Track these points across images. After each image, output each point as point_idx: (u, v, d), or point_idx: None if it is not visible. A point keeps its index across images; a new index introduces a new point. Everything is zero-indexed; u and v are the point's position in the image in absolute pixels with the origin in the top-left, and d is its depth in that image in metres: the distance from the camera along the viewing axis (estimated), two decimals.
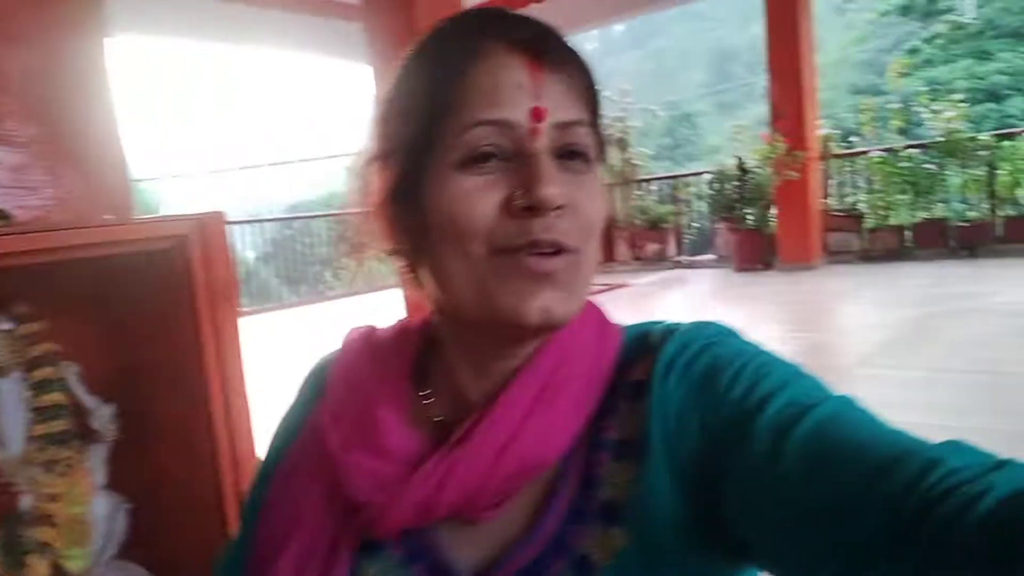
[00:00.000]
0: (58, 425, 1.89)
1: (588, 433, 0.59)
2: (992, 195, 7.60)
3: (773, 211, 8.31)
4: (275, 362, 4.12)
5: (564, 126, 0.56)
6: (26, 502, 1.78)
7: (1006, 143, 7.62)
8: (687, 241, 10.05)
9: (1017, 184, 7.43)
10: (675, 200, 10.08)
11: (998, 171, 7.55)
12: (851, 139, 8.92)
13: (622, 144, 9.94)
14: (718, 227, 9.10)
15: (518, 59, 0.55)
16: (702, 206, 9.89)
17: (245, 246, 11.79)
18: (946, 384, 3.69)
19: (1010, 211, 7.53)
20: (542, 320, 0.55)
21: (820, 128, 8.30)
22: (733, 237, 8.58)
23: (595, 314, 0.65)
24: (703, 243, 10.05)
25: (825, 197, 8.38)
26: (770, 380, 0.54)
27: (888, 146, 8.20)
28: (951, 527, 0.39)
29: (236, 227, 11.49)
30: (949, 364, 4.01)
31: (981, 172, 7.63)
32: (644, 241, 9.84)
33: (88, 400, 2.04)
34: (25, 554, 1.77)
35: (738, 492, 0.52)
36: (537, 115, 0.55)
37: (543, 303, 0.54)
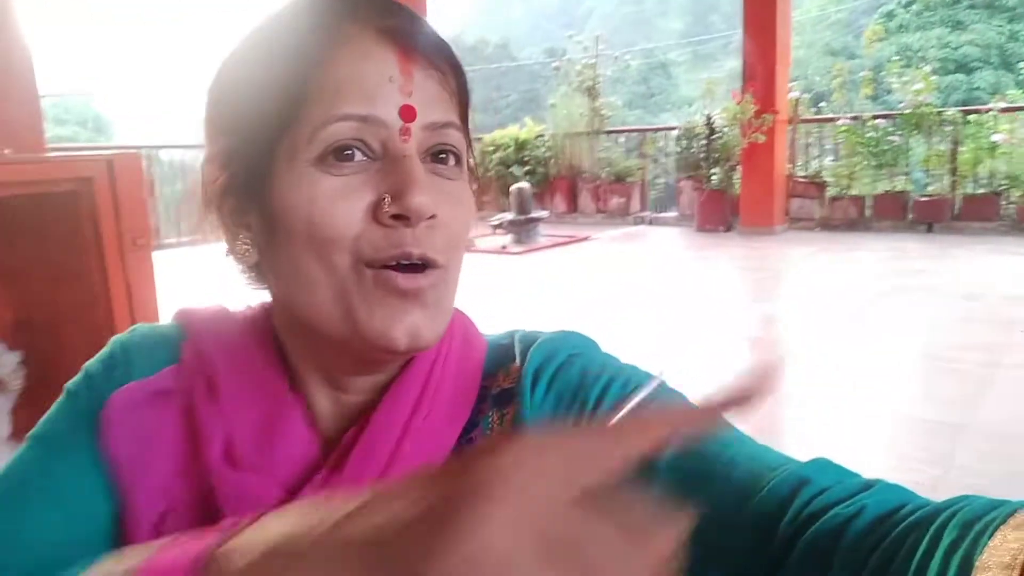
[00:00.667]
0: None
1: (456, 446, 0.57)
2: (954, 171, 7.66)
3: (738, 172, 8.27)
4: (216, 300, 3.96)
5: (435, 127, 0.51)
6: None
7: (972, 119, 7.65)
8: (651, 197, 9.99)
9: (979, 162, 7.50)
10: (642, 154, 9.96)
11: (962, 147, 7.59)
12: (821, 104, 8.86)
13: (592, 93, 9.74)
14: (683, 185, 9.04)
15: (388, 50, 0.50)
16: (669, 162, 9.79)
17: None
18: (894, 369, 3.72)
19: (970, 188, 7.61)
20: (409, 345, 0.50)
21: (791, 91, 8.22)
22: (697, 196, 8.54)
23: (460, 323, 0.61)
24: (667, 200, 10.00)
25: (791, 162, 8.36)
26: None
27: (855, 114, 8.17)
28: (825, 548, 0.39)
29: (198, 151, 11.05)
30: (899, 347, 4.05)
31: (945, 147, 7.67)
32: (608, 194, 9.76)
33: None
34: None
35: None
36: (409, 114, 0.50)
37: (410, 325, 0.50)
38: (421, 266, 0.50)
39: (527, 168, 10.14)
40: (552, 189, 10.18)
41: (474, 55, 36.35)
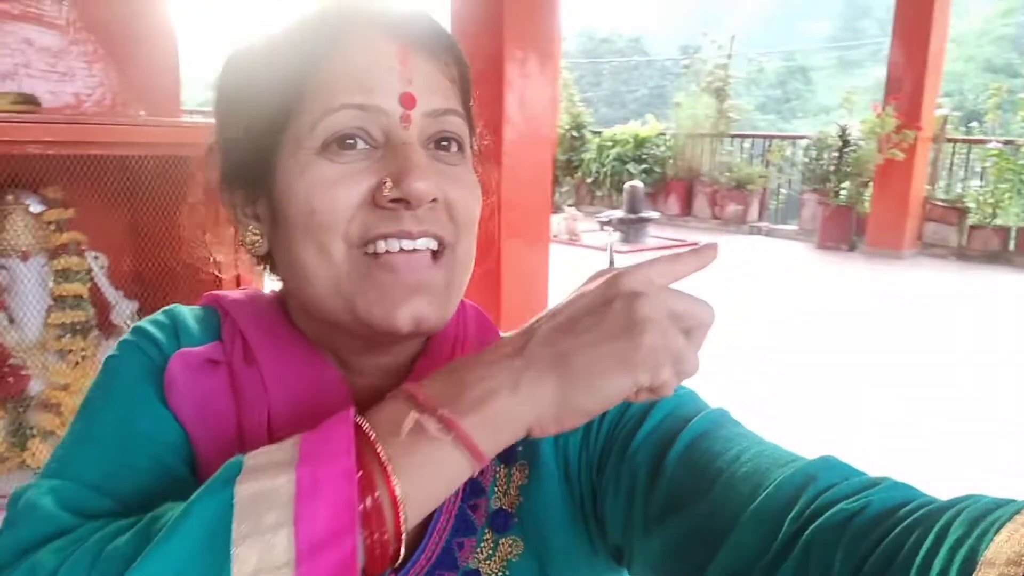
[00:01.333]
0: (77, 315, 1.90)
1: None
2: None
3: (870, 189, 7.79)
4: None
5: (436, 114, 0.52)
6: (35, 387, 1.81)
7: None
8: (772, 207, 9.57)
9: None
10: (766, 162, 9.55)
11: None
12: (972, 124, 8.18)
13: (720, 94, 9.42)
14: (807, 197, 8.62)
15: (387, 39, 0.51)
16: (794, 172, 9.34)
17: None
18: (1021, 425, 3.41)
19: None
20: (414, 329, 0.51)
21: (939, 107, 7.64)
22: (821, 211, 8.12)
23: (474, 315, 0.63)
24: (788, 212, 9.56)
25: (930, 183, 7.79)
26: None
27: (1010, 139, 7.50)
28: (828, 542, 0.39)
29: None
30: None
31: None
32: (726, 200, 9.44)
33: (112, 293, 2.04)
34: (29, 439, 1.81)
35: (620, 505, 0.52)
36: (409, 101, 0.51)
37: (415, 311, 0.51)
38: (427, 253, 0.52)
39: (644, 167, 9.97)
40: (667, 190, 9.96)
41: (605, 48, 35.98)
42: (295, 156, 0.51)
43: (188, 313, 0.61)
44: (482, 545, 0.56)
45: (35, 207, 1.84)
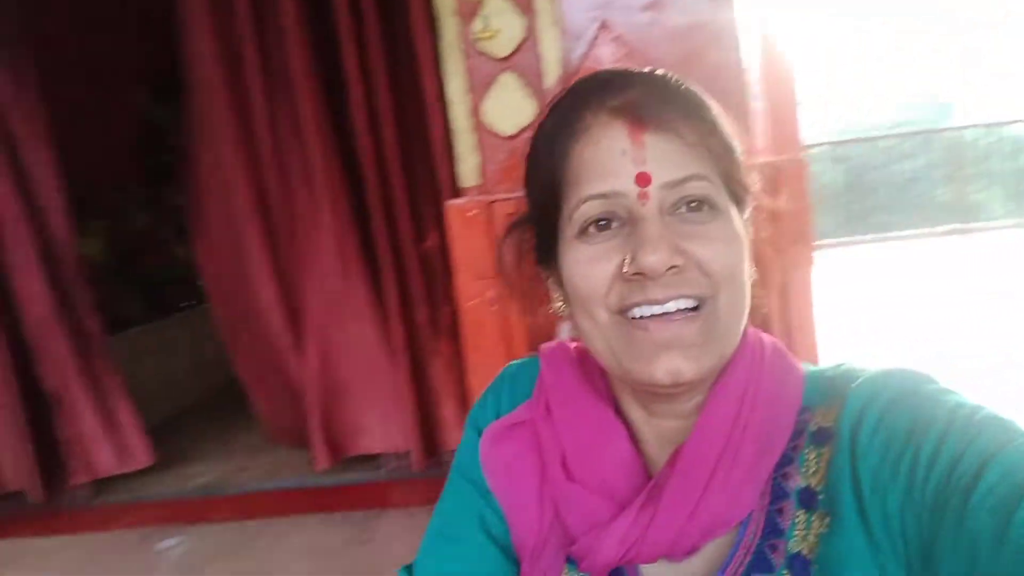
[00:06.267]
0: None
1: (770, 479, 0.58)
2: None
3: None
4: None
5: (672, 185, 0.56)
6: None
7: None
8: None
9: None
10: None
11: None
12: None
13: None
14: None
15: (618, 126, 0.56)
16: None
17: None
18: None
19: None
20: (672, 381, 0.55)
21: None
22: None
23: (773, 352, 0.62)
24: None
25: None
26: (978, 447, 0.49)
27: None
28: None
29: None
30: None
31: None
32: None
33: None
34: None
35: (956, 570, 0.47)
36: (643, 180, 0.55)
37: (669, 366, 0.55)
38: (682, 310, 0.55)
39: None
40: None
41: None
42: (563, 240, 0.59)
43: (518, 368, 0.73)
44: None
45: None
